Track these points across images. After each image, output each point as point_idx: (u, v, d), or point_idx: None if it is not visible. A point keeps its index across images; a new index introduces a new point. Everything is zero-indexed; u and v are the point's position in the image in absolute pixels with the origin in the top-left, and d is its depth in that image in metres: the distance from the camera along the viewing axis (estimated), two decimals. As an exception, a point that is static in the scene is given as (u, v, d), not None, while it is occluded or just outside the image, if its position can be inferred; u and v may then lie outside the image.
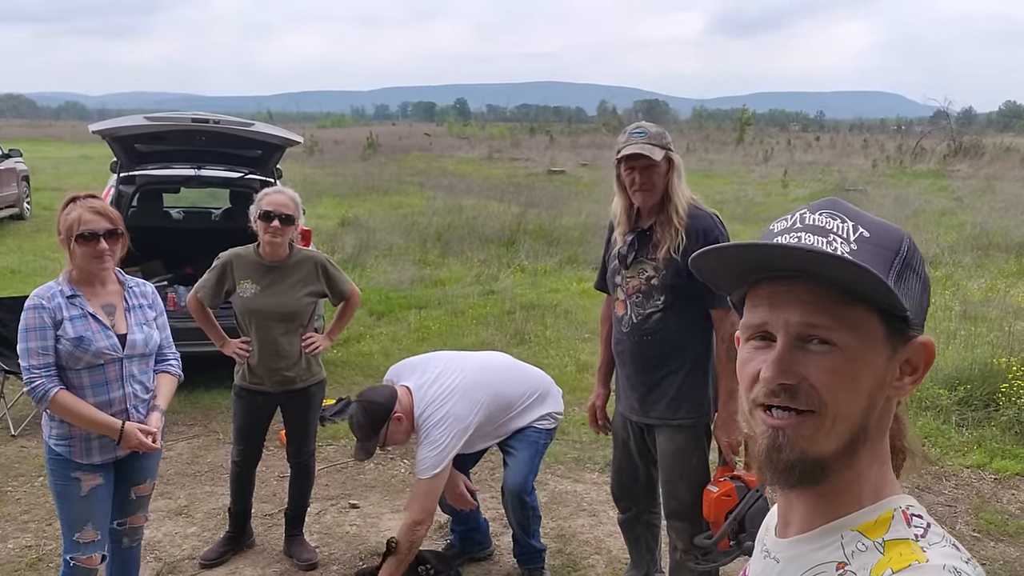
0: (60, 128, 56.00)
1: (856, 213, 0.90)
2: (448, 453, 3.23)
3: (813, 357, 0.85)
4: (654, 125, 2.98)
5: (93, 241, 2.69)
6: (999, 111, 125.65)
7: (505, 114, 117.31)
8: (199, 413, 5.64)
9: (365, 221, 13.95)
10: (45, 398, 2.66)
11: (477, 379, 3.39)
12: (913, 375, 0.90)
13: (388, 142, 36.01)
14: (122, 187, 6.40)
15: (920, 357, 0.89)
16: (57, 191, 17.26)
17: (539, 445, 3.54)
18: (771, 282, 0.89)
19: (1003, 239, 12.42)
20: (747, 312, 0.92)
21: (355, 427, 3.30)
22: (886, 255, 0.86)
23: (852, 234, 0.87)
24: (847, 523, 0.88)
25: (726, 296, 3.05)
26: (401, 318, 8.32)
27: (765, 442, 0.87)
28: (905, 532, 0.85)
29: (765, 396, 0.87)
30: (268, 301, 3.57)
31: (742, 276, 0.92)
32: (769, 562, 0.96)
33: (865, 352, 0.85)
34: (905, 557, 0.82)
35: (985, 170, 24.92)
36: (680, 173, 2.90)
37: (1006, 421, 5.37)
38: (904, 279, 0.86)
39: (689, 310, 2.88)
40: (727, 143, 39.44)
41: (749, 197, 17.93)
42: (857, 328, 0.85)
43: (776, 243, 0.88)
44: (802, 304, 0.85)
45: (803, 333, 0.86)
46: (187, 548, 3.88)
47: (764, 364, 0.87)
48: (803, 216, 0.90)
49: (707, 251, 0.89)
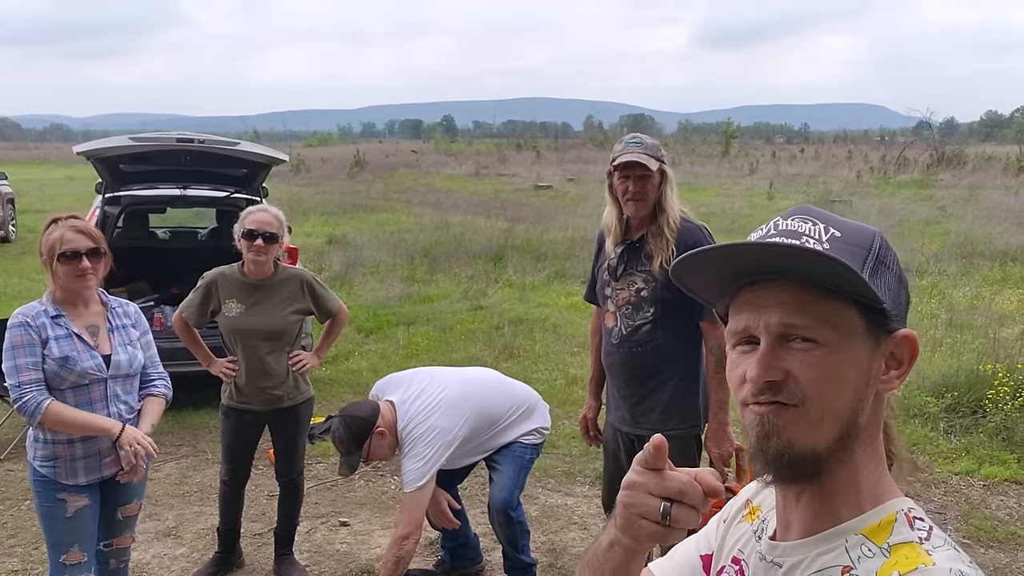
0: (45, 150, 55.74)
1: (827, 216, 0.92)
2: (432, 466, 3.21)
3: (796, 354, 0.87)
4: (649, 137, 3.01)
5: (75, 260, 2.68)
6: (980, 121, 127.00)
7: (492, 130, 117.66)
8: (187, 433, 5.60)
9: (352, 239, 13.94)
10: (37, 411, 2.62)
11: (462, 393, 3.39)
12: (899, 369, 0.91)
13: (375, 160, 36.03)
14: (107, 208, 6.39)
15: (904, 350, 0.91)
16: (42, 213, 17.09)
17: (525, 460, 3.53)
18: (752, 287, 0.91)
19: (987, 247, 12.54)
20: (731, 319, 0.94)
21: (337, 442, 3.30)
22: (858, 252, 0.88)
23: (824, 235, 0.89)
24: (851, 527, 0.89)
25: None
26: (389, 335, 8.31)
27: (754, 432, 0.89)
28: (909, 535, 0.86)
29: (752, 395, 0.89)
30: (254, 320, 3.56)
31: (723, 285, 0.94)
32: (769, 566, 0.96)
33: (847, 346, 0.87)
34: (911, 560, 0.83)
35: (968, 179, 25.17)
36: (672, 186, 2.93)
37: (993, 427, 5.40)
38: (878, 274, 0.88)
39: (679, 322, 2.89)
40: (712, 156, 39.64)
41: (736, 209, 18.03)
42: (837, 323, 0.87)
43: (751, 241, 0.90)
44: (782, 305, 0.87)
45: (785, 333, 0.88)
46: (176, 570, 3.85)
47: (749, 365, 0.89)
48: (776, 223, 0.93)
49: (684, 258, 0.91)
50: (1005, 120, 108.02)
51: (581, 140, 62.39)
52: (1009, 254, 12.09)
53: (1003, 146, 45.23)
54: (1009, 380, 5.64)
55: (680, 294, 2.96)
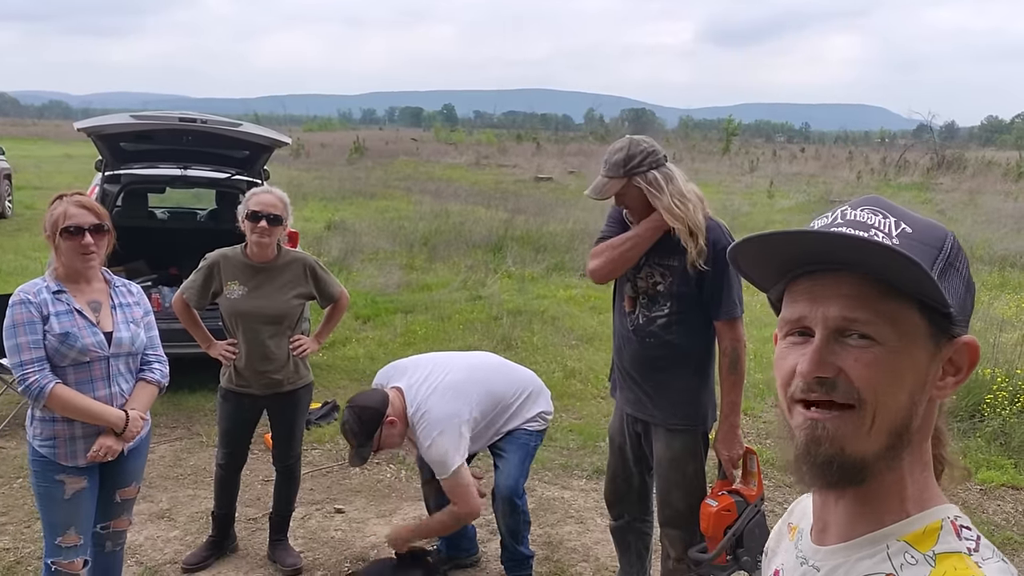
0: (43, 127, 55.50)
1: (898, 210, 0.87)
2: (454, 448, 3.20)
3: (852, 351, 0.83)
4: (623, 144, 2.83)
5: (78, 235, 2.65)
6: (981, 125, 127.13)
7: (492, 120, 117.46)
8: (182, 415, 5.57)
9: (351, 225, 13.89)
10: (42, 394, 2.59)
11: (468, 376, 3.38)
12: (956, 375, 0.87)
13: (375, 146, 35.93)
14: (107, 186, 6.33)
15: (964, 357, 0.87)
16: (40, 190, 17.09)
17: (529, 447, 3.51)
18: (811, 276, 0.86)
19: (986, 251, 12.54)
20: (785, 307, 0.89)
21: (348, 434, 3.25)
22: (929, 251, 0.83)
23: (894, 229, 0.84)
24: (893, 532, 0.85)
25: (735, 306, 2.97)
26: (387, 322, 8.28)
27: (803, 435, 0.85)
28: (956, 545, 0.83)
29: (803, 391, 0.85)
30: (256, 303, 3.52)
31: (781, 270, 0.89)
32: (808, 569, 0.92)
33: (906, 348, 0.83)
34: (959, 571, 0.79)
35: (967, 183, 25.17)
36: (660, 187, 2.74)
37: (991, 432, 5.39)
38: (947, 276, 0.83)
39: (694, 319, 2.85)
40: (713, 153, 39.60)
41: (736, 207, 17.99)
42: (898, 323, 0.82)
43: (821, 230, 0.85)
44: (843, 298, 0.83)
45: (842, 327, 0.83)
46: (169, 552, 3.82)
47: (801, 358, 0.85)
48: (844, 212, 0.88)
49: (749, 239, 0.87)
50: (1006, 126, 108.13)
51: (582, 133, 62.29)
52: (1008, 259, 12.10)
53: (1003, 151, 45.28)
54: (1008, 385, 5.63)
55: (697, 291, 2.90)
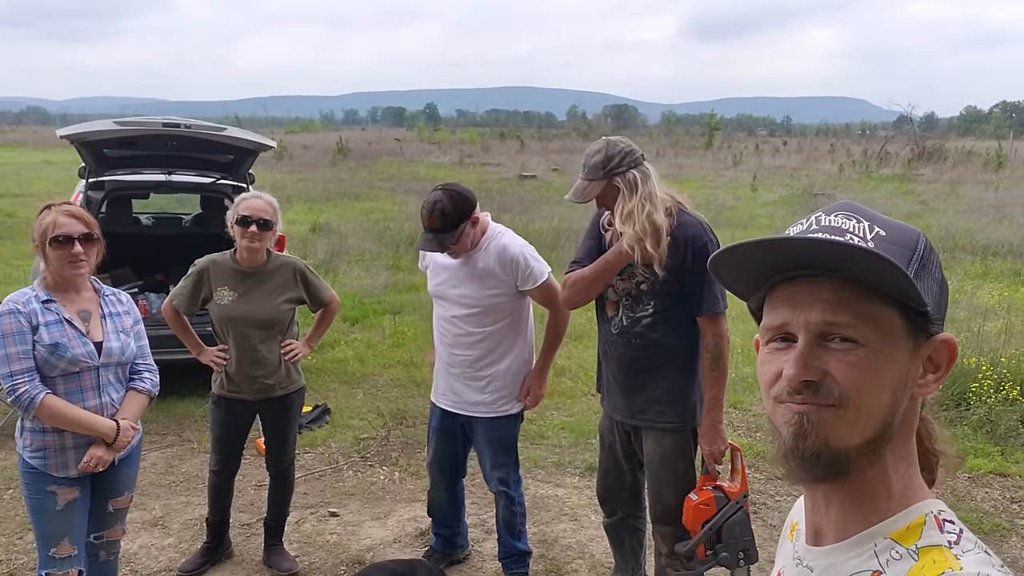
0: (21, 133, 54.91)
1: (871, 214, 0.90)
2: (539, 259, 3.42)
3: (835, 353, 0.85)
4: (600, 146, 2.87)
5: (68, 245, 2.63)
6: (960, 116, 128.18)
7: (475, 119, 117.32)
8: (172, 422, 5.54)
9: (336, 227, 13.84)
10: (32, 405, 2.58)
11: None
12: (936, 373, 0.90)
13: (358, 147, 35.77)
14: (91, 193, 6.28)
15: (942, 355, 0.89)
16: (20, 197, 16.91)
17: (511, 435, 3.52)
18: (791, 283, 0.88)
19: (968, 241, 12.66)
20: (766, 315, 0.91)
21: (437, 215, 3.18)
22: (904, 253, 0.86)
23: (869, 233, 0.87)
24: (880, 531, 0.88)
25: (717, 302, 2.99)
26: (375, 324, 8.26)
27: (791, 430, 0.87)
28: (938, 538, 0.85)
29: (788, 394, 0.87)
30: (246, 308, 3.51)
31: (761, 278, 0.91)
32: (802, 570, 0.95)
33: (887, 347, 0.85)
34: (939, 564, 0.82)
35: (948, 174, 25.36)
36: (633, 188, 2.78)
37: (977, 420, 5.46)
38: (921, 276, 0.86)
39: (679, 316, 2.87)
40: (696, 148, 39.72)
41: (720, 201, 18.06)
42: (878, 324, 0.85)
43: (799, 237, 0.87)
44: (824, 303, 0.85)
45: (824, 331, 0.86)
46: (164, 560, 3.81)
47: (786, 363, 0.87)
48: (819, 218, 0.90)
49: (730, 249, 0.89)
50: (984, 115, 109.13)
51: (565, 130, 62.31)
52: (990, 248, 12.21)
53: (982, 141, 45.67)
54: (992, 373, 5.70)
55: (679, 289, 2.91)
